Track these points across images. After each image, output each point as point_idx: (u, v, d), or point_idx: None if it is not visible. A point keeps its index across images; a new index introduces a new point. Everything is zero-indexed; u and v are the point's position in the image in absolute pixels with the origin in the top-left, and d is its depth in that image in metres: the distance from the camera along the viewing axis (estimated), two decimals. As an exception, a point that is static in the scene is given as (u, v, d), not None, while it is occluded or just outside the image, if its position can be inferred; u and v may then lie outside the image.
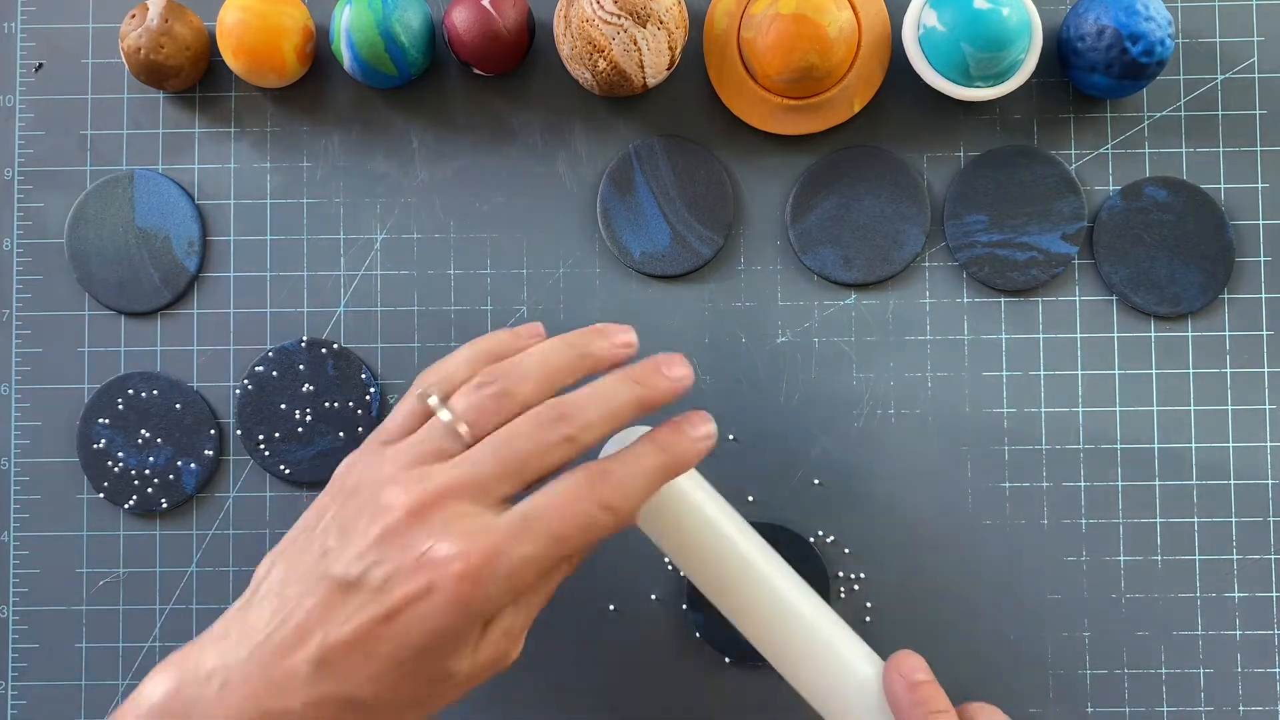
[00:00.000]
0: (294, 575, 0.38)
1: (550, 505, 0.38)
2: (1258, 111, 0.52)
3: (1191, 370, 0.52)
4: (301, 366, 0.52)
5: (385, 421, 0.42)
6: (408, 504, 0.37)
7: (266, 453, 0.52)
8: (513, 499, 0.39)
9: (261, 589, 0.39)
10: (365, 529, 0.38)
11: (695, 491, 0.44)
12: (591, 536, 0.39)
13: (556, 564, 0.39)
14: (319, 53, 0.53)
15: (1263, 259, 0.52)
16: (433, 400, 0.41)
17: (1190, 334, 0.52)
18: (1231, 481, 0.51)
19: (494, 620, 0.38)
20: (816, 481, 0.52)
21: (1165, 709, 0.51)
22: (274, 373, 0.52)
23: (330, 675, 0.37)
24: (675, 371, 0.41)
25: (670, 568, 0.51)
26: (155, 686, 0.38)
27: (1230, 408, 0.51)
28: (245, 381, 0.52)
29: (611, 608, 0.52)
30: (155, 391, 0.52)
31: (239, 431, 0.52)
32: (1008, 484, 0.52)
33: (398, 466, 0.39)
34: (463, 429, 0.39)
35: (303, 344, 0.52)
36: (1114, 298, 0.52)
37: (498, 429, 0.39)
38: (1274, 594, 0.51)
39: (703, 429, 0.41)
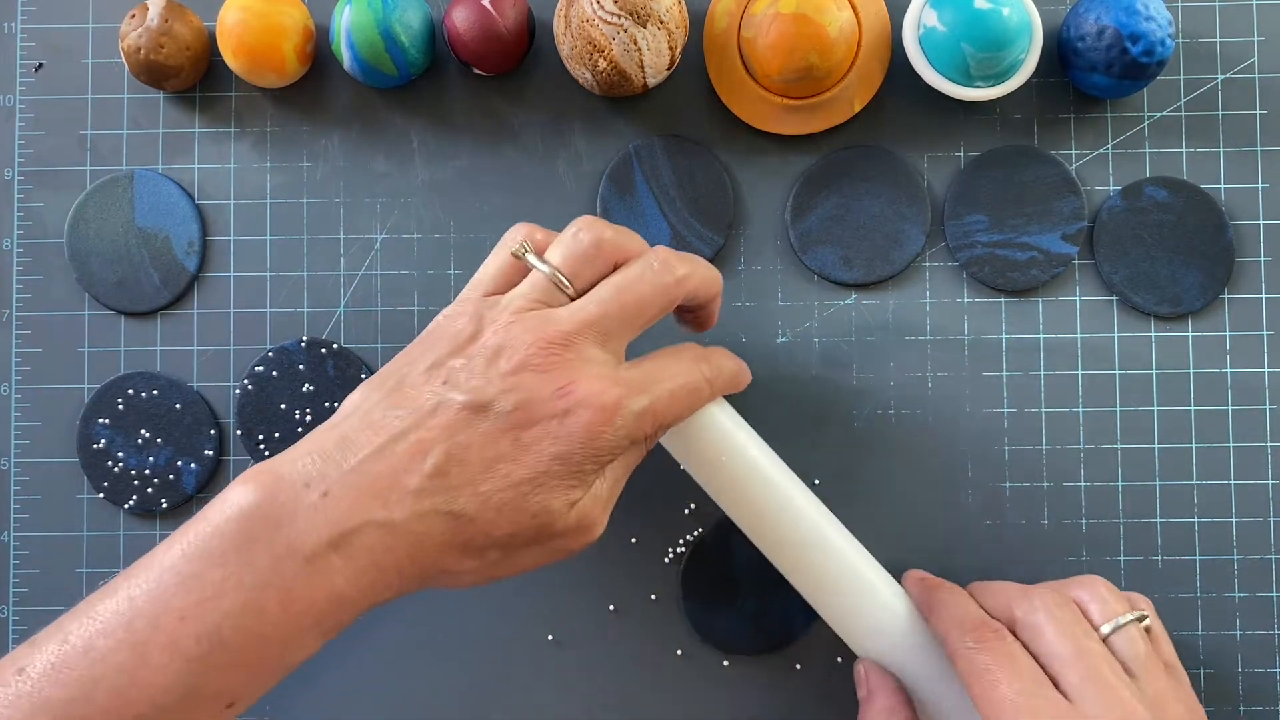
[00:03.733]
0: (403, 400, 0.38)
1: (667, 368, 0.41)
2: (1258, 111, 0.52)
3: (1192, 370, 0.52)
4: (301, 366, 0.52)
5: (476, 277, 0.43)
6: (539, 342, 0.38)
7: (266, 453, 0.52)
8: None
9: (356, 414, 0.38)
10: (494, 362, 0.38)
11: (729, 421, 0.46)
12: (694, 404, 0.42)
13: (654, 431, 0.41)
14: (319, 53, 0.53)
15: (1263, 259, 0.52)
16: (529, 256, 0.41)
17: (1190, 334, 0.52)
18: (1232, 481, 0.51)
19: (597, 477, 0.40)
20: (816, 481, 0.52)
21: (1165, 709, 0.51)
22: (274, 373, 0.52)
23: (442, 487, 0.37)
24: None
25: (667, 562, 0.51)
26: (244, 493, 0.36)
27: (1230, 408, 0.51)
28: (245, 381, 0.52)
29: (611, 608, 0.52)
30: (155, 391, 0.52)
31: (239, 431, 0.52)
32: (1008, 484, 0.52)
33: (513, 312, 0.40)
34: (563, 279, 0.40)
35: (303, 344, 0.52)
36: (1114, 298, 0.52)
37: (599, 278, 0.41)
38: (1274, 594, 0.51)
39: (747, 374, 0.47)
